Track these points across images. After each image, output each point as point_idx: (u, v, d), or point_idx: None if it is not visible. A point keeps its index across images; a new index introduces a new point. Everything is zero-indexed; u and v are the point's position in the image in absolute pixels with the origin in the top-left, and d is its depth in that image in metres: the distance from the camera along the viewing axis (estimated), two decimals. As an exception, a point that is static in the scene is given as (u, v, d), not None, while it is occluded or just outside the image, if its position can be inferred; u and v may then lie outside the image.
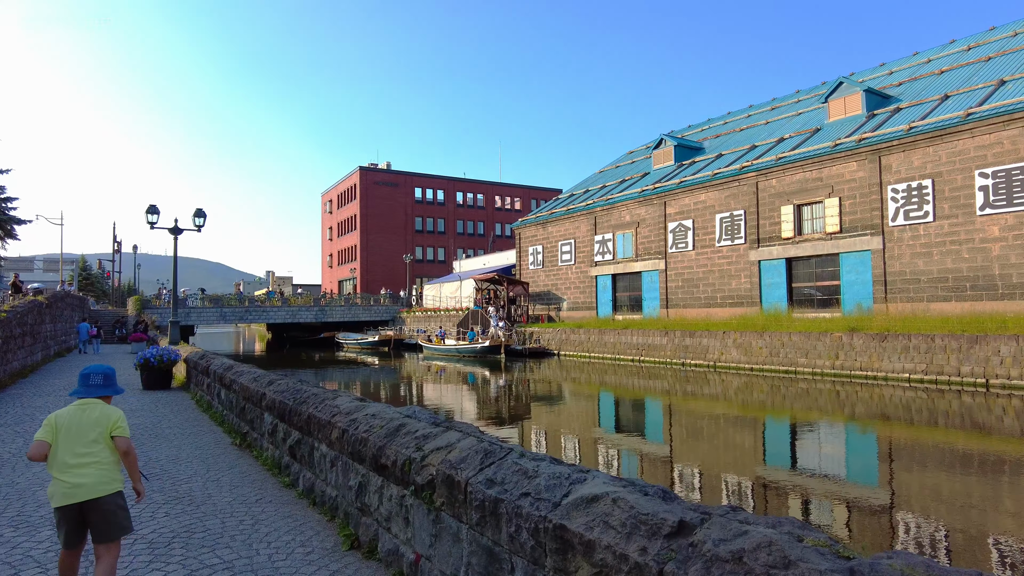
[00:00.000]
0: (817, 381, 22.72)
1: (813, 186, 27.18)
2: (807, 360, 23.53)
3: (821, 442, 15.21)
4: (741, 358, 25.63)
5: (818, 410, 19.27)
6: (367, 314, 53.83)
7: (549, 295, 41.64)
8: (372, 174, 72.70)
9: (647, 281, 34.49)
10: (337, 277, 79.63)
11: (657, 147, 38.76)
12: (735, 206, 30.18)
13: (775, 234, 28.52)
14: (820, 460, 13.18)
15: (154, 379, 12.96)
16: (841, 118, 29.37)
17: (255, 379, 7.13)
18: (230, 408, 8.09)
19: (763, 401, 20.82)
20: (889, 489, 10.50)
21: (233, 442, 7.25)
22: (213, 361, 10.46)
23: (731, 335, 26.35)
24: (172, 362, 13.04)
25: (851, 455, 13.98)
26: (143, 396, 12.10)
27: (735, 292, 29.98)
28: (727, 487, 10.29)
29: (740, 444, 14.76)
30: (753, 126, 37.57)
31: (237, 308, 50.24)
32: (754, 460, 12.74)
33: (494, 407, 20.46)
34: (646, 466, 12.18)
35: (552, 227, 41.93)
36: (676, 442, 14.87)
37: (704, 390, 22.48)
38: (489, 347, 34.88)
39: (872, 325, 22.84)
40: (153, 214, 17.70)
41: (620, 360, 30.66)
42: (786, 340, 24.45)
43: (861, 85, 28.86)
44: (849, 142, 25.98)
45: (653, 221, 34.28)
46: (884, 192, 24.61)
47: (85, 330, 29.54)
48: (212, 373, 9.64)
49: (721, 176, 30.79)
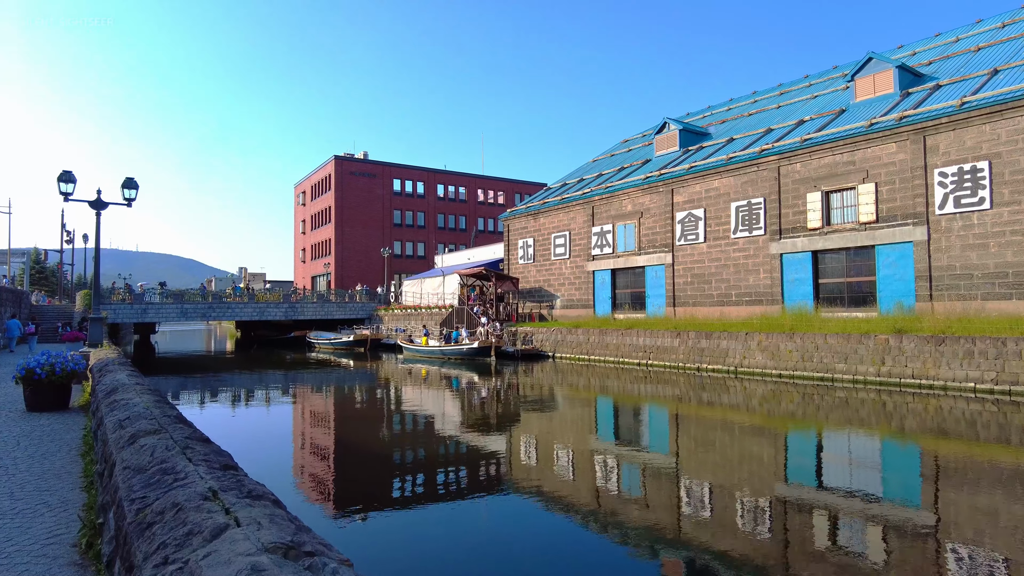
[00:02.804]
0: (859, 389, 19.85)
1: (844, 171, 24.34)
2: (846, 366, 20.64)
3: (866, 461, 12.35)
4: (767, 363, 22.68)
5: (859, 422, 16.46)
6: (341, 311, 50.13)
7: (541, 292, 38.42)
8: (348, 164, 68.79)
9: (651, 276, 31.42)
10: (310, 273, 75.53)
11: (660, 132, 35.73)
12: (753, 193, 27.25)
13: (799, 224, 25.64)
14: (873, 484, 10.33)
15: (42, 397, 9.41)
16: (870, 97, 26.59)
17: (120, 423, 3.78)
18: (103, 463, 4.73)
19: (793, 411, 17.96)
20: (959, 523, 7.45)
21: (77, 543, 3.90)
22: (108, 375, 7.03)
23: (755, 337, 23.39)
24: (70, 374, 9.52)
25: (903, 476, 11.24)
26: (18, 422, 8.58)
27: (753, 289, 27.06)
28: (763, 514, 7.19)
29: (772, 461, 11.73)
30: (763, 111, 34.78)
31: (200, 304, 46.20)
32: (793, 483, 9.66)
33: (493, 420, 17.16)
34: (680, 502, 8.99)
35: (544, 218, 38.69)
36: (707, 463, 11.71)
37: (725, 398, 19.45)
38: (478, 349, 31.52)
39: (922, 326, 20.01)
40: (67, 183, 13.84)
41: (624, 364, 27.55)
42: (820, 343, 21.54)
43: (893, 61, 26.10)
44: (886, 121, 23.17)
45: (659, 211, 31.22)
46: (929, 176, 21.82)
47: (15, 327, 27.10)
48: (97, 395, 6.25)
49: (737, 160, 27.84)
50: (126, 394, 5.14)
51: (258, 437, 15.65)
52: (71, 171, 13.80)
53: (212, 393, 24.05)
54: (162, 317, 44.78)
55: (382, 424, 17.40)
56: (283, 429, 17.14)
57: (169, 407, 4.16)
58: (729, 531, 7.97)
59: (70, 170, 13.78)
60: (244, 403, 21.98)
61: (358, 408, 20.60)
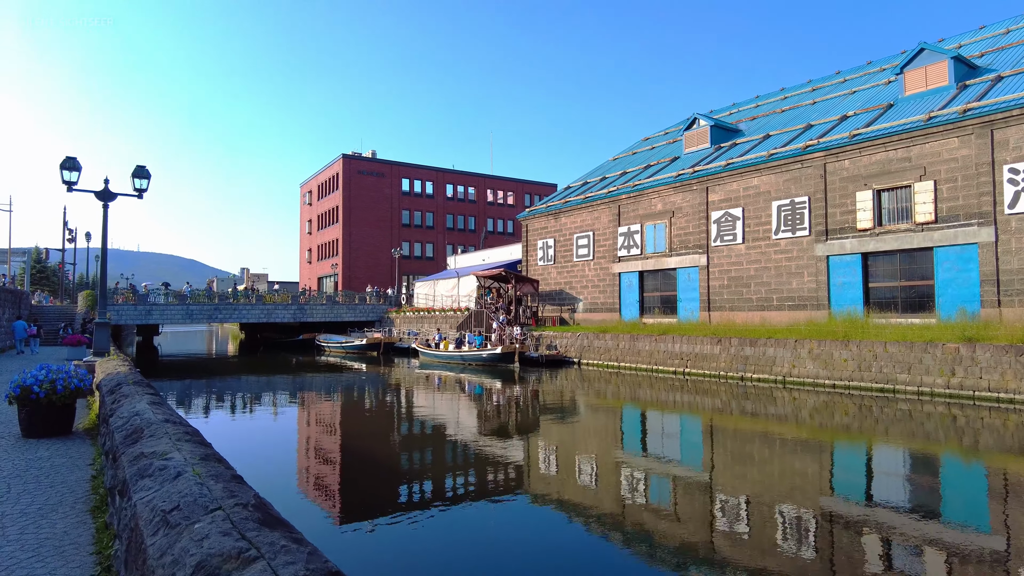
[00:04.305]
0: (924, 402, 18.31)
1: (898, 167, 22.79)
2: (910, 376, 19.08)
3: (935, 480, 10.90)
4: (819, 372, 21.12)
5: (925, 437, 15.06)
6: (351, 314, 48.55)
7: (562, 295, 36.85)
8: (356, 163, 67.25)
9: (684, 279, 29.85)
10: (316, 273, 73.97)
11: (689, 128, 34.17)
12: (796, 192, 25.70)
13: (848, 224, 24.09)
14: (947, 505, 8.97)
15: (41, 421, 7.85)
16: (922, 91, 25.03)
17: (166, 518, 2.28)
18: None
19: (848, 424, 16.68)
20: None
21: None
22: (124, 403, 5.49)
23: (805, 344, 21.83)
24: (74, 392, 7.98)
25: (974, 496, 9.95)
26: (11, 454, 7.04)
27: (796, 292, 25.49)
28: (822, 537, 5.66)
29: (826, 479, 10.16)
30: (796, 107, 33.25)
31: (206, 306, 44.63)
32: (852, 500, 8.09)
33: (552, 437, 15.58)
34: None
35: (566, 218, 37.12)
36: (769, 481, 10.12)
37: (776, 410, 17.89)
38: (501, 354, 29.93)
39: (996, 334, 18.44)
40: (71, 170, 12.24)
41: (659, 372, 25.98)
42: (879, 351, 19.98)
43: (948, 52, 24.55)
44: (947, 114, 21.62)
45: (692, 210, 29.66)
46: (998, 173, 20.27)
47: (21, 328, 26.17)
48: (112, 435, 4.73)
49: (779, 157, 26.29)
50: (158, 443, 3.60)
51: (309, 452, 14.10)
52: (75, 158, 12.20)
53: (232, 400, 22.50)
54: (167, 319, 43.24)
55: (428, 441, 15.87)
56: (327, 443, 15.57)
57: (239, 483, 2.64)
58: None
59: (74, 156, 12.15)
60: (272, 412, 20.48)
61: (403, 423, 19.04)
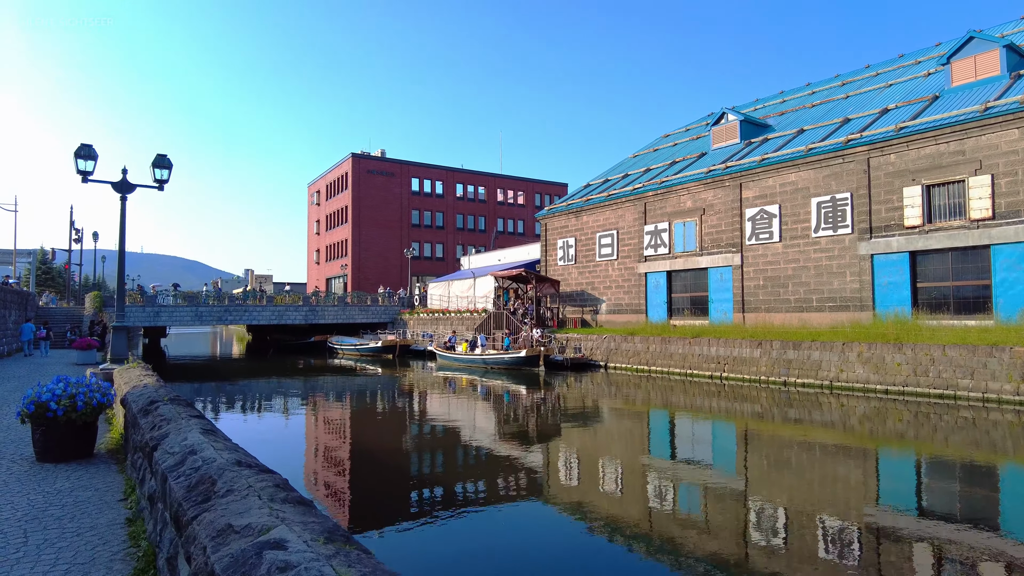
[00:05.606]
0: (990, 409, 17.12)
1: (951, 161, 21.61)
2: (972, 382, 17.90)
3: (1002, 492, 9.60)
4: (870, 377, 19.95)
5: (991, 447, 13.97)
6: (363, 315, 47.47)
7: (583, 295, 35.70)
8: (365, 162, 66.22)
9: (715, 279, 28.68)
10: (325, 274, 72.94)
11: (717, 123, 33.01)
12: (837, 188, 24.52)
13: (894, 221, 22.91)
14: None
15: (58, 442, 6.75)
16: (970, 81, 23.85)
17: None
18: None
19: (903, 432, 15.78)
20: None
21: None
22: (169, 431, 4.39)
23: (854, 347, 20.66)
24: (96, 409, 6.90)
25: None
26: (24, 485, 5.93)
27: (838, 293, 24.31)
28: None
29: (880, 491, 9.00)
30: (827, 101, 32.06)
31: (216, 307, 43.59)
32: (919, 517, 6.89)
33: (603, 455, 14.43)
34: None
35: (588, 216, 35.98)
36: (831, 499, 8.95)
37: (825, 416, 16.70)
38: (525, 358, 28.80)
39: (1067, 338, 17.28)
40: (87, 159, 11.10)
41: (693, 376, 24.82)
42: (937, 355, 18.80)
43: (1000, 40, 23.36)
44: (1006, 104, 20.44)
45: (724, 207, 28.50)
46: (1063, 166, 19.10)
47: (29, 330, 25.60)
48: (157, 465, 3.63)
49: (817, 151, 25.11)
50: (247, 509, 2.48)
51: (358, 464, 12.97)
52: (91, 145, 11.09)
53: (256, 406, 21.40)
54: (175, 320, 42.22)
55: (468, 450, 14.74)
56: (366, 455, 14.44)
57: None
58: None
59: (90, 144, 11.06)
60: (301, 418, 19.40)
61: (439, 429, 17.90)
